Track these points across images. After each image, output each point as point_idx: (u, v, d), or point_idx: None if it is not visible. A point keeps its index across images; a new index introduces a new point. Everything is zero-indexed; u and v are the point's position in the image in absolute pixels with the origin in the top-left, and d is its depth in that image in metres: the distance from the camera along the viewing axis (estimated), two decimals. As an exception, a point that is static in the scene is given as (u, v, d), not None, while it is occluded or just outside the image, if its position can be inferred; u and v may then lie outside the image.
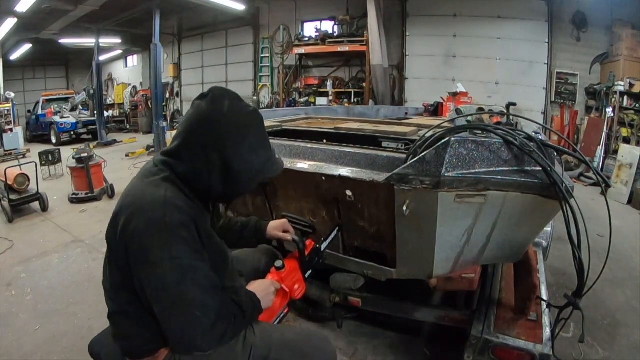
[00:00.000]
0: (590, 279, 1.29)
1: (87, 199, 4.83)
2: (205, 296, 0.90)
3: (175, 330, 0.89)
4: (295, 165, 1.62)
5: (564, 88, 7.42)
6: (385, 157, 1.52)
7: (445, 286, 1.63)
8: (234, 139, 0.96)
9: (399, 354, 2.05)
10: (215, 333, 0.91)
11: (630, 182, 4.97)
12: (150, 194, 0.92)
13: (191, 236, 0.92)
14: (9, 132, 8.68)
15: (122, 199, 0.98)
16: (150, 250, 0.88)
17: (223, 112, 0.96)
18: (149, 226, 0.89)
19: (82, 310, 2.48)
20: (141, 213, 0.90)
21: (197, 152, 0.96)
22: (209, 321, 0.89)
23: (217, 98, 0.98)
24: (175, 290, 0.87)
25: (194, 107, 0.99)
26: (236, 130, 0.97)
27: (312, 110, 3.80)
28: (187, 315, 0.87)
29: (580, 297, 1.31)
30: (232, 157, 0.96)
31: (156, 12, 7.97)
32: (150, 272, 0.88)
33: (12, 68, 12.57)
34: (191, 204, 0.97)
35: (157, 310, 0.90)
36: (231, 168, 0.97)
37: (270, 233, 1.40)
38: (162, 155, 1.03)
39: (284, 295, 1.22)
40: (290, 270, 1.26)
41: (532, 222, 1.42)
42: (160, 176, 0.97)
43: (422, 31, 8.33)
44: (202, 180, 0.98)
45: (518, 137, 1.29)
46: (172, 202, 0.91)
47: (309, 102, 8.76)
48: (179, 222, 0.90)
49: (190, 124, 0.98)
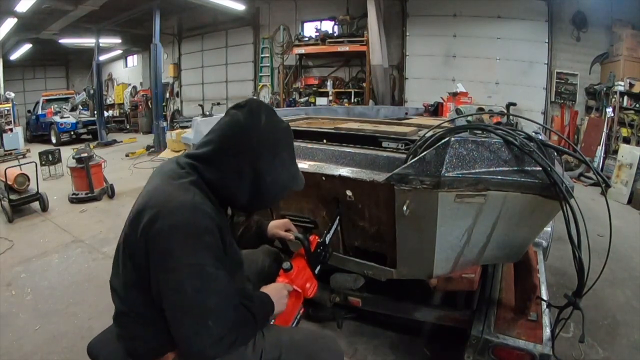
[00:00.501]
0: (590, 279, 1.29)
1: (87, 199, 4.83)
2: (222, 307, 0.90)
3: (186, 336, 0.88)
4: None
5: (564, 88, 7.42)
6: (385, 157, 1.52)
7: (445, 286, 1.63)
8: (269, 153, 0.98)
9: (399, 354, 2.05)
10: (225, 343, 0.90)
11: (630, 182, 4.97)
12: (178, 197, 0.92)
13: (215, 243, 0.92)
14: (9, 132, 8.68)
15: (145, 198, 0.97)
16: (173, 254, 0.87)
17: (260, 125, 0.98)
18: (176, 229, 0.88)
19: (82, 310, 2.48)
20: (168, 215, 0.89)
21: (229, 161, 0.97)
22: (220, 332, 0.88)
23: (254, 110, 0.99)
24: (193, 297, 0.87)
25: (229, 115, 1.00)
26: (271, 144, 0.99)
27: (312, 110, 3.80)
28: (200, 324, 0.87)
29: (580, 297, 1.31)
30: (265, 170, 0.98)
31: (156, 12, 7.98)
32: (171, 275, 0.88)
33: (12, 68, 12.57)
34: (217, 211, 0.97)
35: (170, 314, 0.90)
36: (263, 180, 0.98)
37: (272, 232, 1.38)
38: (190, 158, 1.02)
39: (297, 297, 1.21)
40: (299, 270, 1.24)
41: (532, 222, 1.42)
42: (188, 179, 0.97)
43: (422, 31, 8.33)
44: (229, 189, 0.99)
45: (518, 137, 1.29)
46: (200, 207, 0.91)
47: (309, 102, 8.76)
48: (206, 228, 0.90)
49: (225, 132, 0.98)
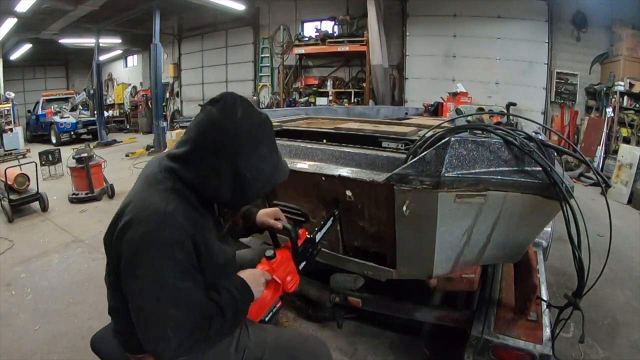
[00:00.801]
0: (590, 279, 1.29)
1: (87, 199, 4.83)
2: (181, 318, 0.88)
3: (147, 340, 0.89)
4: (295, 165, 1.62)
5: (564, 88, 7.42)
6: (385, 157, 1.52)
7: (445, 286, 1.63)
8: (247, 148, 0.95)
9: (399, 354, 2.05)
10: (184, 347, 0.89)
11: (630, 182, 4.97)
12: (151, 205, 0.91)
13: (184, 254, 0.90)
14: (9, 132, 8.68)
15: (124, 204, 0.98)
16: (138, 262, 0.88)
17: (236, 119, 0.94)
18: (144, 238, 0.88)
19: (82, 310, 2.48)
20: (139, 224, 0.89)
21: (206, 159, 0.94)
22: (179, 340, 0.88)
23: (229, 105, 0.95)
24: (153, 306, 0.87)
25: (204, 112, 0.96)
26: (249, 138, 0.95)
27: (312, 110, 3.80)
28: (159, 332, 0.87)
29: (580, 297, 1.31)
30: (243, 165, 0.95)
31: (156, 12, 7.98)
32: (135, 282, 0.89)
33: (12, 68, 12.56)
34: (193, 216, 0.95)
35: (134, 316, 0.91)
36: (242, 176, 0.95)
37: (261, 219, 1.32)
38: (169, 159, 1.01)
39: (276, 288, 1.14)
40: (282, 261, 1.17)
41: (532, 222, 1.42)
42: (164, 185, 0.96)
43: (422, 31, 8.33)
44: (209, 188, 0.96)
45: (518, 137, 1.29)
46: (172, 217, 0.90)
47: (309, 102, 8.76)
48: (174, 240, 0.89)
49: (201, 130, 0.95)
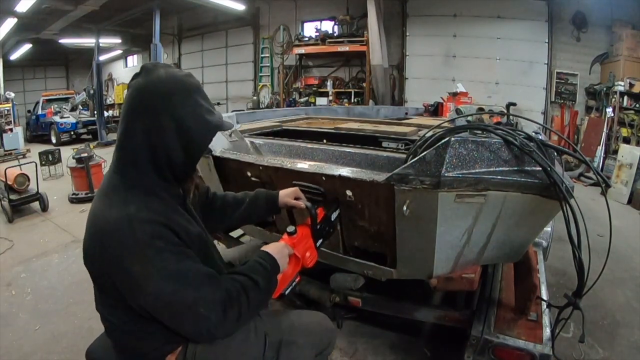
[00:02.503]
0: (590, 279, 1.29)
1: (87, 199, 4.82)
2: (204, 292, 0.89)
3: (191, 332, 0.90)
4: (296, 165, 1.62)
5: (564, 88, 7.42)
6: (385, 157, 1.52)
7: (445, 286, 1.63)
8: (180, 97, 0.95)
9: (399, 354, 2.05)
10: (229, 319, 0.91)
11: (630, 182, 4.97)
12: (113, 218, 0.89)
13: (168, 242, 0.90)
14: (9, 132, 8.67)
15: (88, 226, 0.94)
16: (134, 273, 0.87)
17: (162, 78, 0.95)
18: (123, 250, 0.87)
19: (82, 310, 2.48)
20: (111, 241, 0.88)
21: (145, 122, 0.92)
22: (218, 313, 0.89)
23: (150, 69, 0.97)
24: (174, 300, 0.87)
25: (130, 87, 0.97)
26: (179, 90, 0.95)
27: (312, 110, 3.80)
28: (195, 317, 0.88)
29: (580, 297, 1.31)
30: (183, 114, 0.94)
31: (156, 12, 7.97)
32: (145, 293, 0.87)
33: (12, 68, 12.56)
34: (157, 204, 0.93)
35: (167, 322, 0.91)
36: (186, 127, 0.94)
37: (283, 200, 1.38)
38: (114, 153, 0.98)
39: (296, 262, 1.19)
40: (302, 237, 1.23)
41: (532, 222, 1.42)
42: (117, 189, 0.94)
43: (422, 31, 8.33)
44: (159, 150, 0.94)
45: (518, 137, 1.28)
46: (137, 216, 0.88)
47: (309, 102, 8.76)
48: (151, 236, 0.87)
49: (132, 101, 0.94)
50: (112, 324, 1.01)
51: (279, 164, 1.64)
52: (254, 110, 7.75)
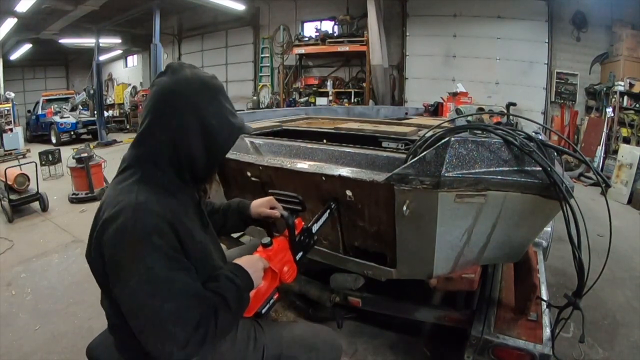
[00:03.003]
0: (591, 279, 1.29)
1: (87, 199, 4.83)
2: (181, 309, 0.82)
3: (151, 344, 0.82)
4: (295, 165, 1.62)
5: (564, 88, 7.42)
6: (385, 157, 1.52)
7: (445, 286, 1.63)
8: (206, 97, 0.95)
9: (399, 354, 2.05)
10: (193, 343, 0.83)
11: (630, 182, 4.97)
12: (122, 200, 0.87)
13: (165, 241, 0.85)
14: (9, 132, 8.68)
15: (97, 211, 0.93)
16: (121, 262, 0.83)
17: (188, 78, 0.95)
18: (119, 236, 0.83)
19: (82, 310, 2.48)
20: (112, 222, 0.84)
21: (170, 121, 0.92)
22: (186, 335, 0.82)
23: (177, 68, 0.97)
24: (148, 304, 0.81)
25: (155, 84, 0.96)
26: (204, 90, 0.96)
27: (312, 110, 3.80)
28: (162, 332, 0.81)
29: (580, 297, 1.31)
30: (207, 114, 0.94)
31: (156, 12, 7.97)
32: (123, 284, 0.83)
33: (12, 68, 12.56)
34: (170, 202, 0.91)
35: (132, 323, 0.84)
36: (209, 125, 0.94)
37: (256, 210, 1.29)
38: (132, 148, 0.97)
39: (273, 277, 1.09)
40: (279, 249, 1.13)
41: (532, 222, 1.42)
42: (131, 178, 0.92)
43: (422, 31, 8.33)
44: (182, 149, 0.93)
45: (518, 137, 1.29)
46: (143, 206, 0.85)
47: (309, 102, 8.76)
48: (151, 228, 0.84)
49: (157, 98, 0.94)
50: (114, 321, 1.00)
51: (279, 164, 1.64)
52: (254, 110, 7.75)
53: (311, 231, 1.29)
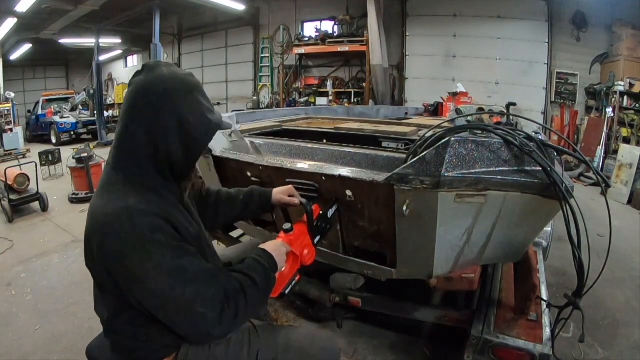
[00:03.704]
0: (591, 278, 1.29)
1: (87, 199, 4.82)
2: (203, 289, 0.86)
3: (186, 331, 0.87)
4: (296, 165, 1.62)
5: (564, 88, 7.42)
6: (385, 157, 1.52)
7: (445, 286, 1.63)
8: (182, 96, 0.95)
9: (399, 354, 2.05)
10: (228, 318, 0.88)
11: (630, 182, 4.97)
12: (112, 210, 0.88)
13: (168, 236, 0.88)
14: (9, 132, 8.68)
15: (88, 223, 0.93)
16: (133, 268, 0.85)
17: (164, 75, 0.95)
18: (123, 244, 0.85)
19: (82, 310, 2.48)
20: (111, 233, 0.86)
21: (148, 119, 0.92)
22: (216, 312, 0.86)
23: (152, 67, 0.97)
24: (171, 296, 0.84)
25: (132, 84, 0.96)
26: (181, 87, 0.95)
27: (312, 110, 3.80)
28: (193, 315, 0.85)
29: (580, 297, 1.30)
30: (185, 112, 0.94)
31: (156, 12, 7.97)
32: (142, 287, 0.86)
33: (12, 68, 12.56)
34: (156, 199, 0.93)
35: (163, 319, 0.88)
36: (186, 122, 0.94)
37: (276, 198, 1.35)
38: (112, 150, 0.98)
39: (294, 260, 1.16)
40: (299, 234, 1.20)
41: (532, 222, 1.42)
42: (116, 184, 0.93)
43: (422, 31, 8.33)
44: (160, 147, 0.93)
45: (518, 137, 1.28)
46: (136, 209, 0.87)
47: (309, 102, 8.76)
48: (151, 228, 0.86)
49: (132, 99, 0.94)
50: (110, 326, 1.01)
51: (279, 164, 1.64)
52: (254, 110, 7.75)
53: (327, 216, 1.39)
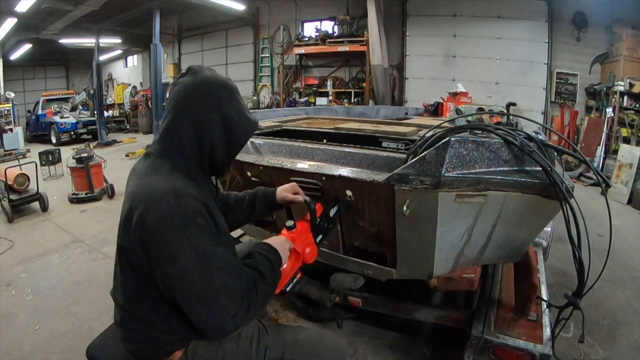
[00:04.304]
0: (590, 279, 1.29)
1: (87, 199, 4.84)
2: (230, 281, 0.89)
3: (204, 319, 0.89)
4: (296, 165, 1.62)
5: (564, 88, 7.42)
6: (385, 157, 1.52)
7: (445, 286, 1.63)
8: (226, 95, 1.04)
9: (399, 354, 2.05)
10: (241, 313, 0.90)
11: (630, 182, 4.97)
12: (160, 188, 0.92)
13: (207, 222, 0.93)
14: (9, 132, 8.69)
15: (128, 201, 0.96)
16: (169, 244, 0.88)
17: (209, 77, 1.03)
18: (165, 220, 0.88)
19: (82, 310, 2.48)
20: (154, 208, 0.89)
21: (195, 115, 1.00)
22: (235, 305, 0.89)
23: (198, 70, 1.05)
24: (200, 281, 0.87)
25: (177, 84, 1.04)
26: (225, 88, 1.04)
27: (312, 110, 3.80)
28: (215, 303, 0.87)
29: (580, 297, 1.31)
30: (228, 109, 1.03)
31: (156, 12, 7.97)
32: (172, 266, 0.88)
33: (12, 68, 12.56)
34: (200, 189, 0.98)
35: (183, 303, 0.90)
36: (230, 119, 1.03)
37: (281, 195, 1.38)
38: (156, 143, 1.04)
39: (297, 257, 1.16)
40: (302, 232, 1.21)
41: (532, 222, 1.42)
42: (164, 168, 0.98)
43: (422, 31, 8.34)
44: (205, 141, 1.01)
45: (518, 137, 1.28)
46: (183, 191, 0.92)
47: (309, 102, 8.77)
48: (194, 211, 0.91)
49: (179, 96, 1.01)
50: (129, 312, 1.01)
51: (279, 164, 1.64)
52: (254, 110, 7.75)
53: (329, 215, 1.40)
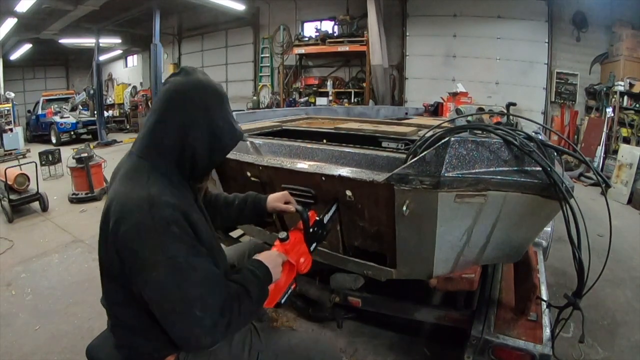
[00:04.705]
0: (590, 279, 1.29)
1: (87, 199, 4.84)
2: (206, 294, 0.86)
3: (179, 332, 0.86)
4: (295, 165, 1.62)
5: (564, 88, 7.42)
6: (385, 157, 1.52)
7: (445, 286, 1.63)
8: (215, 101, 1.01)
9: (399, 354, 2.05)
10: (220, 327, 0.87)
11: (630, 182, 4.97)
12: (134, 195, 0.89)
13: (183, 231, 0.89)
14: (9, 132, 8.69)
15: (106, 207, 0.94)
16: (143, 255, 0.85)
17: (201, 80, 1.01)
18: (139, 229, 0.85)
19: (82, 310, 2.48)
20: (129, 217, 0.86)
21: (182, 116, 0.97)
22: (211, 319, 0.86)
23: (190, 71, 1.03)
24: (175, 293, 0.84)
25: (168, 83, 1.01)
26: (215, 94, 1.02)
27: (312, 110, 3.80)
28: (189, 317, 0.84)
29: (580, 297, 1.30)
30: (216, 115, 1.00)
31: (156, 12, 7.97)
32: (147, 277, 0.85)
33: (12, 68, 12.57)
34: (178, 194, 0.94)
35: (158, 314, 0.88)
36: (216, 125, 1.00)
37: (271, 205, 1.35)
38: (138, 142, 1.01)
39: (290, 269, 1.14)
40: (295, 242, 1.19)
41: (532, 222, 1.42)
42: (141, 171, 0.95)
43: (422, 31, 8.33)
44: (187, 144, 0.97)
45: (518, 137, 1.28)
46: (159, 199, 0.88)
47: (309, 102, 8.76)
48: (169, 219, 0.87)
49: (168, 96, 0.98)
50: (117, 319, 1.01)
51: (279, 164, 1.64)
52: (254, 110, 7.75)
53: (323, 223, 1.36)
